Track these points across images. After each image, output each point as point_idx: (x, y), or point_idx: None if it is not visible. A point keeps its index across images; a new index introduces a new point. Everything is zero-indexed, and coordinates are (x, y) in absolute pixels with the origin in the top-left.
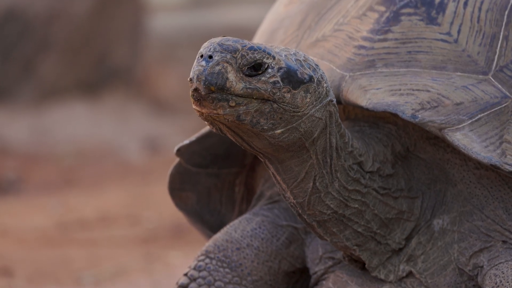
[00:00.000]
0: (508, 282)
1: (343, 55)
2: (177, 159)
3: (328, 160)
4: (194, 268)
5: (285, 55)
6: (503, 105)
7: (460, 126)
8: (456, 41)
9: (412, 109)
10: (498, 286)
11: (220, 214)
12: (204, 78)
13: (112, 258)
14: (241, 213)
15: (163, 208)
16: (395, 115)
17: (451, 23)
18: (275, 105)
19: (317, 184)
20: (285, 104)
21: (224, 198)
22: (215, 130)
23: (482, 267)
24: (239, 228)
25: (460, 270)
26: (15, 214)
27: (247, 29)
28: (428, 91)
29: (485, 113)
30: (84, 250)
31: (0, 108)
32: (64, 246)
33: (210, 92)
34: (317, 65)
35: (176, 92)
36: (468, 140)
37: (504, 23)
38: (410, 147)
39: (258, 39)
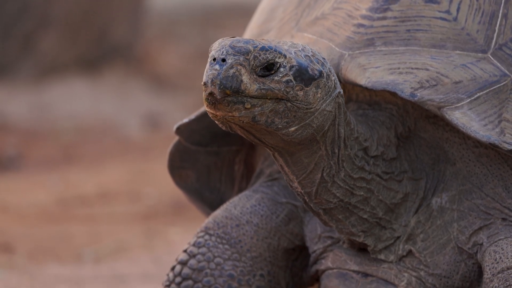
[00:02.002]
0: (507, 258)
1: (342, 33)
2: (176, 138)
3: (336, 151)
4: (194, 245)
5: (295, 52)
6: (502, 84)
7: (459, 104)
8: (455, 19)
9: (411, 88)
10: (498, 262)
11: (220, 192)
12: (219, 82)
13: (112, 234)
14: (240, 191)
15: (163, 184)
16: (394, 94)
17: (450, 1)
18: (289, 104)
19: (324, 174)
20: (298, 102)
21: (224, 176)
22: (225, 128)
23: (481, 244)
24: (238, 205)
25: (459, 249)
26: (15, 191)
27: (246, 6)
28: (427, 69)
29: (484, 92)
30: (84, 226)
31: (0, 84)
32: (65, 223)
33: (226, 95)
34: (324, 58)
35: (176, 68)
36: (467, 119)
37: (503, 1)
38: (411, 127)
39: (258, 18)
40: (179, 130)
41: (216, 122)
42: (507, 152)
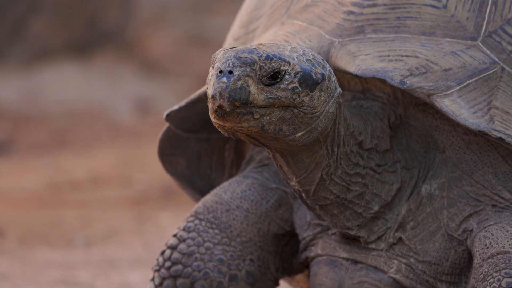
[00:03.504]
0: (497, 243)
1: (333, 20)
2: (166, 124)
3: (335, 149)
4: (184, 229)
5: (297, 58)
6: (492, 71)
7: (449, 92)
8: (445, 6)
9: (401, 75)
10: (488, 247)
11: (210, 179)
12: (227, 95)
13: (103, 219)
14: (231, 177)
15: (154, 169)
16: (383, 82)
17: None
18: (295, 110)
19: (324, 173)
20: (304, 107)
21: (214, 163)
22: (227, 135)
23: (471, 230)
24: (229, 190)
25: (449, 236)
26: (6, 176)
27: None
28: (417, 57)
29: (474, 79)
30: (76, 211)
31: None
32: (55, 207)
33: (235, 107)
34: (323, 59)
35: (167, 54)
36: (457, 106)
37: None
38: (402, 115)
39: (248, 4)
40: (169, 117)
41: (221, 131)
42: (496, 140)
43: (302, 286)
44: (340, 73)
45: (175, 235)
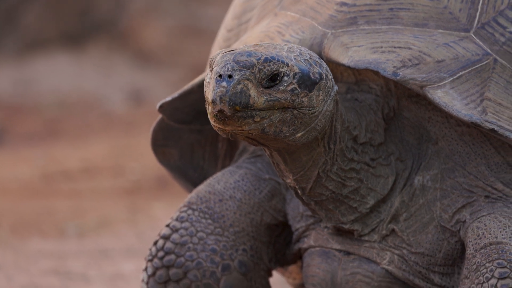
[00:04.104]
0: (490, 234)
1: (325, 12)
2: (159, 116)
3: (332, 146)
4: (177, 219)
5: (295, 58)
6: (484, 62)
7: (441, 83)
8: None
9: (394, 67)
10: (481, 238)
11: (203, 170)
12: (228, 99)
13: (96, 209)
14: (224, 168)
15: (147, 159)
16: (376, 73)
17: None
18: (295, 112)
19: (320, 171)
20: (304, 108)
21: (207, 154)
22: (226, 136)
23: (464, 221)
24: (222, 180)
25: (442, 227)
26: None
27: None
28: (410, 48)
29: (466, 71)
30: (68, 201)
31: None
32: (48, 197)
33: (236, 111)
34: (319, 58)
35: (160, 44)
36: (449, 98)
37: None
38: (395, 106)
39: None
40: (162, 108)
41: (220, 133)
42: (488, 131)
43: (295, 278)
44: (333, 64)
45: (168, 225)
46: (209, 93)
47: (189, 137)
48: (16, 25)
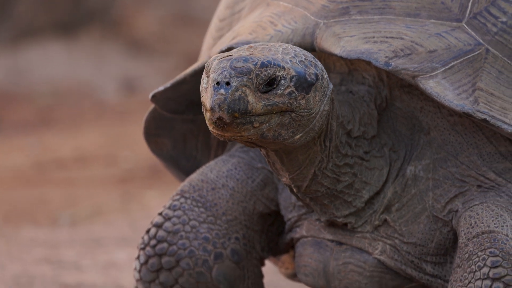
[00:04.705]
0: (482, 223)
1: (318, 2)
2: (152, 105)
3: (328, 143)
4: (169, 208)
5: (290, 61)
6: (476, 53)
7: (433, 73)
8: None
9: (386, 57)
10: (473, 227)
11: (196, 160)
12: (227, 107)
13: (89, 198)
14: (217, 158)
15: (139, 148)
16: (368, 63)
17: None
18: (293, 114)
19: (316, 169)
20: (301, 110)
21: (200, 144)
22: (223, 140)
23: (456, 211)
24: (214, 169)
25: (434, 217)
26: None
27: None
28: (402, 38)
29: (458, 61)
30: (61, 189)
31: None
32: (41, 186)
33: (235, 118)
34: (314, 57)
35: (153, 32)
36: (441, 88)
37: None
38: (388, 96)
39: None
40: (154, 98)
41: (219, 138)
42: (480, 121)
43: (288, 267)
44: (326, 54)
45: (160, 213)
46: (207, 100)
47: (182, 127)
48: (8, 14)
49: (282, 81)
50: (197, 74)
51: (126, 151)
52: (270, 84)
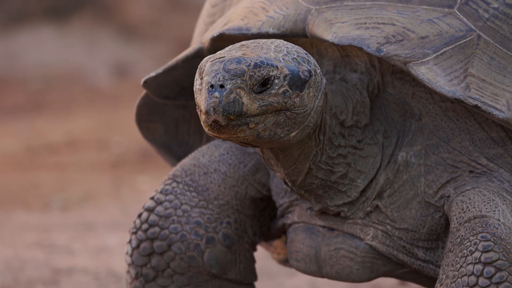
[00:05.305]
0: (474, 207)
1: None
2: (144, 91)
3: (322, 137)
4: (161, 192)
5: (283, 59)
6: (468, 39)
7: (425, 60)
8: None
9: (377, 43)
10: (465, 212)
11: (188, 145)
12: (222, 110)
13: (80, 182)
14: (208, 143)
15: (131, 133)
16: (360, 49)
17: None
18: (288, 113)
19: (311, 163)
20: (296, 108)
21: (192, 129)
22: (218, 138)
23: (448, 196)
24: (207, 154)
25: (426, 203)
26: None
27: None
28: (394, 24)
29: (450, 47)
30: (53, 174)
31: None
32: (33, 171)
33: (230, 120)
34: (306, 53)
35: (145, 17)
36: (433, 74)
37: None
38: (380, 83)
39: None
40: (146, 84)
41: (215, 138)
42: (472, 107)
43: (280, 253)
44: (318, 40)
45: (152, 198)
46: (202, 103)
47: (173, 113)
48: None
49: (276, 81)
50: (189, 60)
51: (118, 135)
52: (264, 84)
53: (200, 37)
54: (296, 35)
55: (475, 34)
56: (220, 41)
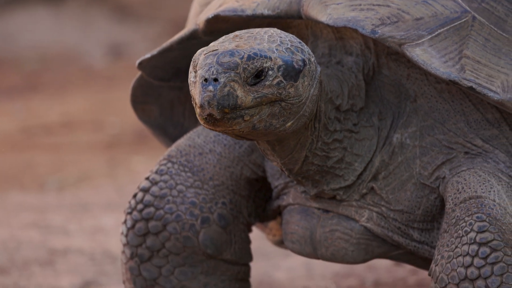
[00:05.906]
0: (470, 188)
1: None
2: (139, 72)
3: (317, 125)
4: (156, 172)
5: (277, 49)
6: (463, 20)
7: (420, 41)
8: None
9: (372, 25)
10: (460, 192)
11: (183, 127)
12: (216, 103)
13: (76, 163)
14: None
15: (126, 113)
16: (355, 31)
17: None
18: (283, 104)
19: (307, 151)
20: (291, 98)
21: (187, 111)
22: (214, 131)
23: (444, 177)
24: (202, 134)
25: (421, 184)
26: None
27: None
28: (389, 6)
29: (445, 28)
30: (48, 155)
31: None
32: (28, 151)
33: (225, 114)
34: (300, 42)
35: None
36: (428, 56)
37: None
38: (375, 64)
39: None
40: (141, 65)
41: (212, 130)
42: (467, 89)
43: (275, 234)
44: (312, 21)
45: (147, 178)
46: (197, 97)
47: (169, 94)
48: None
49: (270, 72)
50: (184, 42)
51: (113, 116)
52: (258, 76)
53: (195, 18)
54: (291, 17)
55: (470, 16)
56: (215, 23)
